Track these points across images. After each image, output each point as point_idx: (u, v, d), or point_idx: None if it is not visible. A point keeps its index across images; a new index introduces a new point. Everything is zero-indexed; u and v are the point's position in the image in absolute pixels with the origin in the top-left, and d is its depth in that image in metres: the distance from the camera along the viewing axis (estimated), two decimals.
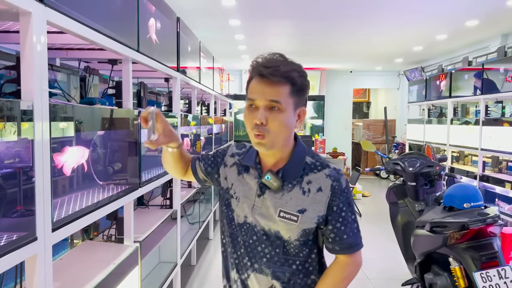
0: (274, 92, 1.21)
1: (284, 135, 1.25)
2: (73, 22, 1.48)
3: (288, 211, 1.25)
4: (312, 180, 1.28)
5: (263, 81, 1.22)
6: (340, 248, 1.29)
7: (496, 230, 2.41)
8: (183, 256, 3.39)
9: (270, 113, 1.21)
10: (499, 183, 4.74)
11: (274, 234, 1.28)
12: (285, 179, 1.28)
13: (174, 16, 3.01)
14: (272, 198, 1.28)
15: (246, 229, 1.31)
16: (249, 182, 1.33)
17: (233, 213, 1.35)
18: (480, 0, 4.72)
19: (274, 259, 1.28)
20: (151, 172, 2.52)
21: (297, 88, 1.23)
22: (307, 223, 1.26)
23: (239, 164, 1.38)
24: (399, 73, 11.02)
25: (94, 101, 1.99)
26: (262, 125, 1.21)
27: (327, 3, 4.99)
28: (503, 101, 5.35)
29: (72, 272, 1.84)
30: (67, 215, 1.49)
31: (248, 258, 1.31)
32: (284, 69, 1.21)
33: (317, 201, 1.26)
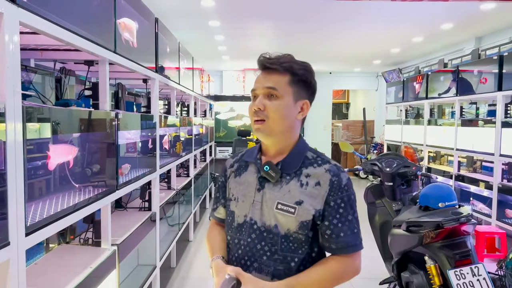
0: (272, 79, 1.27)
1: (282, 123, 1.28)
2: (47, 23, 1.45)
3: (285, 203, 1.26)
4: (311, 174, 1.28)
5: (264, 72, 1.31)
6: (336, 247, 1.26)
7: (469, 228, 2.47)
8: (162, 258, 3.36)
9: (269, 100, 1.27)
10: (474, 182, 4.86)
11: (273, 228, 1.27)
12: (284, 170, 1.30)
13: (152, 17, 2.99)
14: (271, 191, 1.29)
15: (245, 228, 1.31)
16: (247, 179, 1.35)
17: (233, 215, 1.35)
18: (455, 4, 4.83)
19: (274, 256, 1.27)
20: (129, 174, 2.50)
21: (297, 79, 1.28)
22: (304, 215, 1.25)
23: (236, 169, 1.41)
24: (377, 74, 11.19)
25: (70, 103, 1.95)
26: (260, 110, 1.26)
27: (306, 5, 5.03)
28: (477, 102, 5.49)
29: (47, 277, 1.80)
30: (41, 218, 1.47)
31: (247, 257, 1.30)
32: (284, 60, 1.28)
33: (314, 195, 1.26)
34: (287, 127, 1.30)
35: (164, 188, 4.01)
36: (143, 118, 2.85)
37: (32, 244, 1.40)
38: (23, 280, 1.32)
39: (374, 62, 9.64)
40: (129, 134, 2.50)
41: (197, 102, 5.97)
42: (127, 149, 2.50)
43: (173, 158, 3.84)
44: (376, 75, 11.29)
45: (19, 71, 1.28)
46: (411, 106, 7.23)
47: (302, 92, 1.30)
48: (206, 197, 6.95)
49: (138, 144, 2.73)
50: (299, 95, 1.30)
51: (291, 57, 1.31)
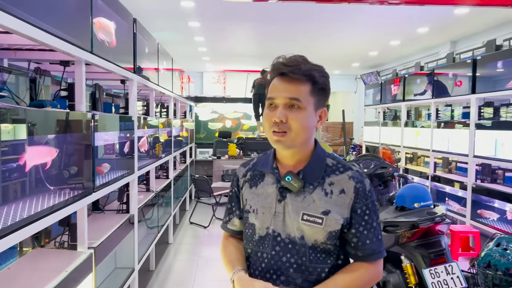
0: (294, 89, 1.19)
1: (304, 134, 1.22)
2: (20, 22, 1.42)
3: (311, 214, 1.21)
4: (334, 182, 1.24)
5: (283, 79, 1.21)
6: (362, 254, 1.24)
7: (443, 228, 2.53)
8: (140, 261, 3.33)
9: (290, 111, 1.20)
10: (449, 182, 4.98)
11: (299, 240, 1.22)
12: (306, 180, 1.24)
13: (130, 17, 2.96)
14: (294, 202, 1.23)
15: (268, 241, 1.26)
16: (266, 190, 1.29)
17: (253, 228, 1.30)
18: (430, 8, 4.94)
19: (301, 268, 1.22)
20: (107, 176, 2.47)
21: (318, 87, 1.22)
22: (333, 225, 1.21)
23: (250, 179, 1.35)
24: (356, 77, 11.35)
25: (45, 104, 1.92)
26: (282, 123, 1.19)
27: (285, 8, 5.06)
28: (452, 104, 5.63)
29: (21, 282, 1.76)
30: (14, 222, 1.44)
31: (273, 271, 1.25)
32: (305, 68, 1.20)
33: (340, 203, 1.22)
34: (307, 138, 1.25)
35: (142, 190, 3.97)
36: (121, 119, 2.81)
37: (5, 248, 1.37)
38: None
39: (353, 65, 9.77)
40: (106, 136, 2.47)
41: (177, 104, 5.93)
42: (105, 150, 2.47)
43: (152, 159, 3.81)
44: (355, 78, 11.45)
45: None
46: (388, 108, 7.35)
47: (321, 100, 1.25)
48: (186, 199, 6.91)
49: (116, 146, 2.69)
50: (319, 103, 1.24)
51: (308, 62, 1.24)
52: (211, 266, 4.33)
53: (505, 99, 4.51)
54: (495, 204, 4.15)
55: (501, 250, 2.64)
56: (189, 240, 5.37)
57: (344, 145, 10.82)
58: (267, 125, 1.23)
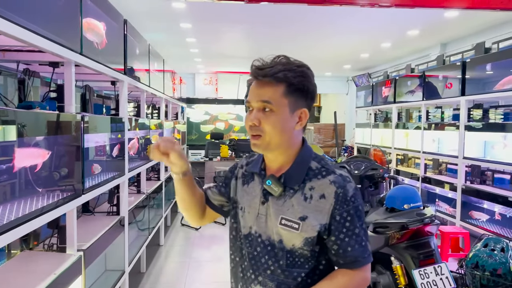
0: (264, 92, 1.19)
1: (279, 137, 1.20)
2: (7, 23, 1.42)
3: (289, 219, 1.20)
4: (315, 186, 1.21)
5: (257, 83, 1.21)
6: (344, 261, 1.21)
7: (432, 229, 2.55)
8: (131, 263, 3.31)
9: (263, 114, 1.19)
10: (439, 184, 5.02)
11: (278, 243, 1.22)
12: (287, 184, 1.23)
13: (120, 18, 2.95)
14: (275, 205, 1.23)
15: (251, 241, 1.27)
16: (254, 190, 1.29)
17: (239, 224, 1.31)
18: (420, 11, 4.98)
19: (278, 271, 1.22)
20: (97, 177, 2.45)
21: (293, 88, 1.19)
22: (309, 231, 1.19)
23: (245, 173, 1.35)
24: (347, 79, 11.40)
25: (33, 105, 1.91)
26: (255, 126, 1.20)
27: (277, 10, 5.08)
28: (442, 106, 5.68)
29: (9, 284, 1.75)
30: (1, 224, 1.42)
31: (252, 270, 1.26)
32: (276, 69, 1.18)
33: (319, 208, 1.19)
34: (286, 140, 1.23)
35: (133, 192, 3.95)
36: (112, 121, 2.80)
37: None
38: None
39: (344, 67, 9.82)
40: (96, 137, 2.46)
41: (168, 105, 5.91)
42: (95, 152, 2.45)
43: (143, 161, 3.80)
44: (346, 80, 11.50)
45: None
46: (380, 110, 7.40)
47: (299, 101, 1.21)
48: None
49: (106, 147, 2.68)
50: (296, 105, 1.21)
51: (286, 62, 1.21)
52: (202, 268, 4.32)
53: (494, 101, 4.56)
54: (484, 205, 4.19)
55: (488, 251, 2.66)
56: (181, 242, 5.35)
57: (336, 146, 10.87)
58: (247, 129, 1.24)
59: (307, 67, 1.24)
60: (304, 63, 1.24)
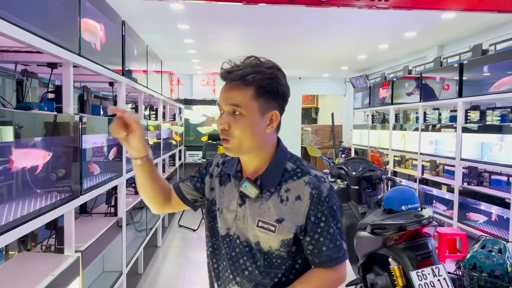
0: (233, 96, 1.18)
1: (250, 140, 1.20)
2: (5, 23, 1.41)
3: (266, 221, 1.21)
4: (290, 188, 1.22)
5: (226, 86, 1.21)
6: (319, 261, 1.23)
7: (430, 230, 2.56)
8: (129, 264, 3.31)
9: (233, 117, 1.19)
10: (436, 185, 5.03)
11: (255, 245, 1.23)
12: (263, 186, 1.23)
13: (118, 19, 2.95)
14: (252, 207, 1.24)
15: (229, 241, 1.28)
16: (231, 191, 1.29)
17: (217, 224, 1.31)
18: (417, 12, 4.99)
19: (255, 272, 1.24)
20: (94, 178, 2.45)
21: (263, 91, 1.18)
22: (285, 233, 1.20)
23: (222, 174, 1.34)
24: (345, 80, 11.41)
25: (32, 106, 1.90)
26: (225, 130, 1.19)
27: (275, 11, 5.08)
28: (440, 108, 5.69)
29: (6, 286, 1.74)
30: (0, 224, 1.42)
31: (230, 271, 1.27)
32: (245, 72, 1.17)
33: (295, 210, 1.20)
34: (257, 143, 1.22)
35: (131, 193, 3.95)
36: (110, 122, 2.79)
37: None
38: None
39: (342, 68, 9.83)
40: (94, 138, 2.46)
41: (166, 106, 5.91)
42: (93, 153, 2.45)
43: None
44: (344, 81, 11.52)
45: None
46: (377, 111, 7.41)
47: (270, 103, 1.20)
48: None
49: (104, 148, 2.68)
50: (267, 107, 1.20)
51: (255, 64, 1.19)
52: (200, 269, 4.31)
53: (491, 102, 4.57)
54: (482, 207, 4.20)
55: (486, 252, 2.67)
56: (178, 243, 5.35)
57: (333, 148, 10.87)
58: (219, 131, 1.23)
59: (277, 68, 1.22)
60: (275, 64, 1.23)
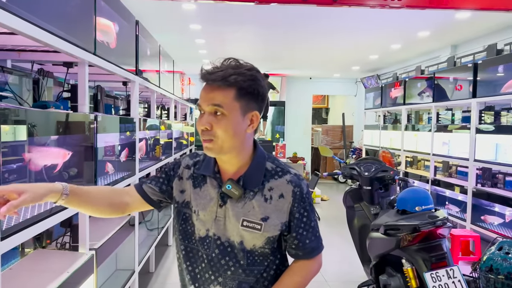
0: (215, 96, 1.19)
1: (231, 140, 1.21)
2: (25, 24, 1.43)
3: (251, 220, 1.23)
4: (273, 187, 1.26)
5: (207, 87, 1.21)
6: (303, 253, 1.30)
7: (445, 232, 2.53)
8: (141, 263, 3.32)
9: (215, 118, 1.19)
10: (449, 186, 4.98)
11: (238, 245, 1.25)
12: (246, 186, 1.25)
13: (132, 19, 2.97)
14: (234, 208, 1.25)
15: (208, 243, 1.27)
16: (209, 193, 1.29)
17: (193, 227, 1.30)
18: (431, 12, 4.95)
19: (239, 271, 1.26)
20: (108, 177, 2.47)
21: (244, 92, 1.20)
22: (271, 231, 1.25)
23: (195, 176, 1.33)
24: (356, 80, 11.35)
25: (48, 105, 1.93)
26: (207, 130, 1.20)
27: (287, 12, 5.07)
28: (453, 108, 5.64)
29: (23, 282, 1.76)
30: (17, 222, 1.44)
31: (212, 272, 1.28)
32: (227, 73, 1.19)
33: (279, 208, 1.25)
34: (238, 143, 1.24)
35: None
36: (123, 121, 2.82)
37: (8, 249, 1.37)
38: None
39: (353, 68, 9.78)
40: (108, 137, 2.47)
41: (178, 106, 5.94)
42: (106, 152, 2.47)
43: (153, 161, 3.81)
44: (355, 81, 11.45)
45: None
46: (389, 112, 7.36)
47: (251, 104, 1.23)
48: None
49: (117, 147, 2.69)
50: (247, 108, 1.22)
51: (235, 66, 1.22)
52: None
53: (506, 103, 4.51)
54: (496, 209, 4.15)
55: (503, 254, 2.63)
56: None
57: (344, 148, 10.83)
58: (199, 132, 1.23)
59: (256, 70, 1.26)
60: (254, 66, 1.27)
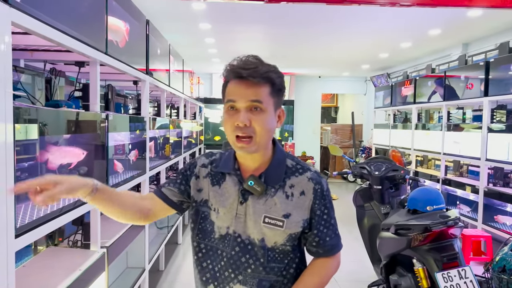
0: (255, 92, 1.19)
1: (267, 136, 1.23)
2: (38, 23, 1.44)
3: (273, 217, 1.23)
4: (294, 184, 1.27)
5: (242, 82, 1.20)
6: (323, 251, 1.30)
7: (456, 232, 2.51)
8: (151, 261, 3.35)
9: (253, 114, 1.19)
10: (460, 186, 4.93)
11: (259, 242, 1.24)
12: (268, 183, 1.26)
13: (143, 19, 2.98)
14: (256, 204, 1.25)
15: (228, 241, 1.27)
16: (228, 190, 1.28)
17: (213, 225, 1.29)
18: (442, 10, 4.91)
19: (259, 269, 1.25)
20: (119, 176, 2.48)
21: (276, 88, 1.23)
22: (293, 227, 1.24)
23: (213, 174, 1.32)
24: (365, 79, 11.28)
25: (60, 104, 1.94)
26: (246, 127, 1.19)
27: (296, 10, 5.06)
28: (464, 107, 5.58)
29: (36, 280, 1.78)
30: (31, 220, 1.45)
31: (231, 270, 1.27)
32: (263, 70, 1.20)
33: (300, 205, 1.25)
34: (269, 140, 1.26)
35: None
36: (134, 120, 2.83)
37: (22, 246, 1.38)
38: (12, 282, 1.31)
39: (362, 67, 9.73)
40: (119, 136, 2.49)
41: (187, 105, 5.96)
42: (117, 151, 2.48)
43: (163, 160, 3.83)
44: (364, 80, 11.39)
45: (11, 72, 1.27)
46: (399, 111, 7.31)
47: (280, 101, 1.27)
48: None
49: (128, 146, 2.71)
50: (278, 104, 1.26)
51: (264, 63, 1.24)
52: None
53: None
54: (508, 208, 4.10)
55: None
56: None
57: (353, 147, 10.78)
58: (229, 129, 1.22)
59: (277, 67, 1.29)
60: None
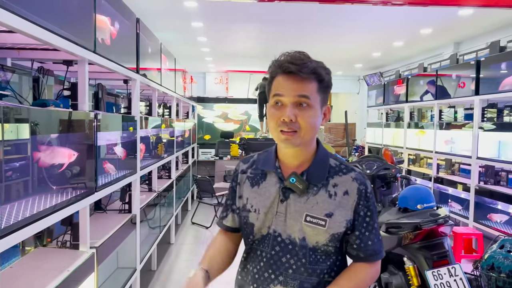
0: (303, 87, 1.18)
1: (312, 132, 1.21)
2: (24, 21, 1.43)
3: (315, 216, 1.20)
4: (338, 183, 1.23)
5: (290, 77, 1.19)
6: (364, 255, 1.24)
7: (446, 230, 2.52)
8: (142, 261, 3.33)
9: (299, 110, 1.18)
10: (452, 184, 4.96)
11: (300, 241, 1.21)
12: (310, 181, 1.23)
13: (133, 17, 2.96)
14: (297, 203, 1.22)
15: (268, 240, 1.25)
16: (268, 189, 1.27)
17: (253, 227, 1.27)
18: (434, 9, 4.93)
19: (301, 269, 1.22)
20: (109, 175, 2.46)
21: (324, 85, 1.22)
22: (336, 227, 1.21)
23: (252, 176, 1.32)
24: (358, 78, 11.33)
25: (48, 103, 1.92)
26: (291, 122, 1.17)
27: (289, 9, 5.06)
28: (455, 106, 5.61)
29: (23, 281, 1.76)
30: (16, 221, 1.43)
31: (272, 270, 1.24)
32: (312, 65, 1.19)
33: (343, 205, 1.22)
34: (313, 137, 1.25)
35: (145, 190, 3.97)
36: (124, 119, 2.81)
37: (7, 247, 1.37)
38: None
39: (355, 66, 9.76)
40: (109, 135, 2.47)
41: (180, 104, 5.93)
42: (107, 150, 2.47)
43: (155, 159, 3.81)
44: (357, 79, 11.43)
45: None
46: (391, 109, 7.34)
47: (326, 98, 1.25)
48: (188, 199, 6.91)
49: (119, 146, 2.69)
50: (324, 101, 1.24)
51: (311, 59, 1.22)
52: None
53: (509, 100, 4.49)
54: (498, 206, 4.13)
55: (504, 252, 2.62)
56: (191, 240, 5.37)
57: (346, 146, 10.80)
58: (274, 124, 1.21)
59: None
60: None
